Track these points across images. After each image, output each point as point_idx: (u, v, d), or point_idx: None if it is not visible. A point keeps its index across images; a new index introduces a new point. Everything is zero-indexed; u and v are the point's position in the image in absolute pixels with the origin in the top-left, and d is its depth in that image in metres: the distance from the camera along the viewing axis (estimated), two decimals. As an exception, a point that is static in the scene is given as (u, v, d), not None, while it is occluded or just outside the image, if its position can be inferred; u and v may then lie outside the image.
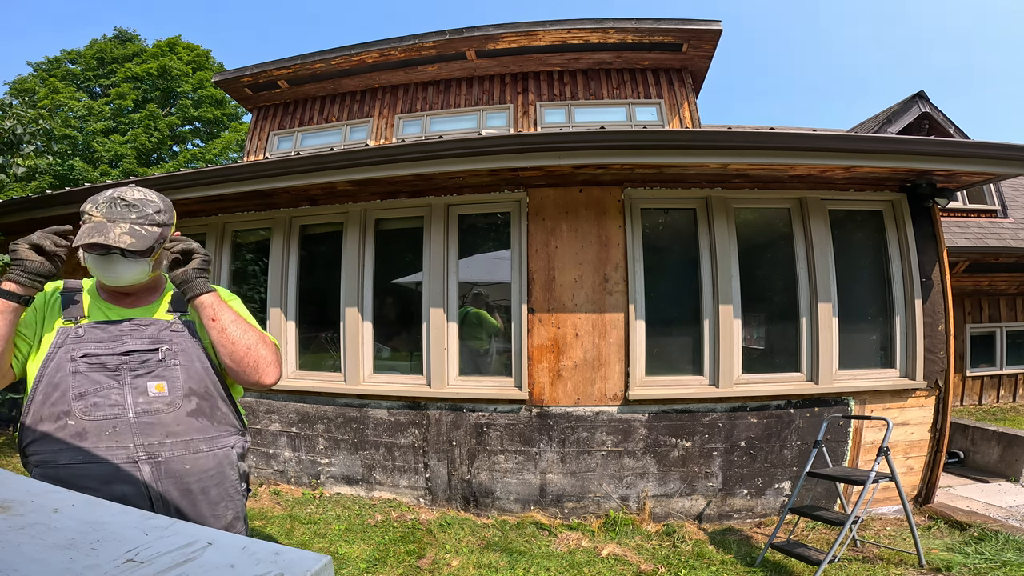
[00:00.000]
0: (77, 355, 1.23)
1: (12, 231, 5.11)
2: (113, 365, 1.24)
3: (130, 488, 1.21)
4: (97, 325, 1.28)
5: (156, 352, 1.28)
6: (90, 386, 1.21)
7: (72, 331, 1.26)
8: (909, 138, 3.37)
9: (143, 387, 1.24)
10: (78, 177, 15.83)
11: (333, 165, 3.51)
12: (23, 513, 0.62)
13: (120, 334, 1.28)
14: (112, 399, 1.21)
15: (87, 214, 1.31)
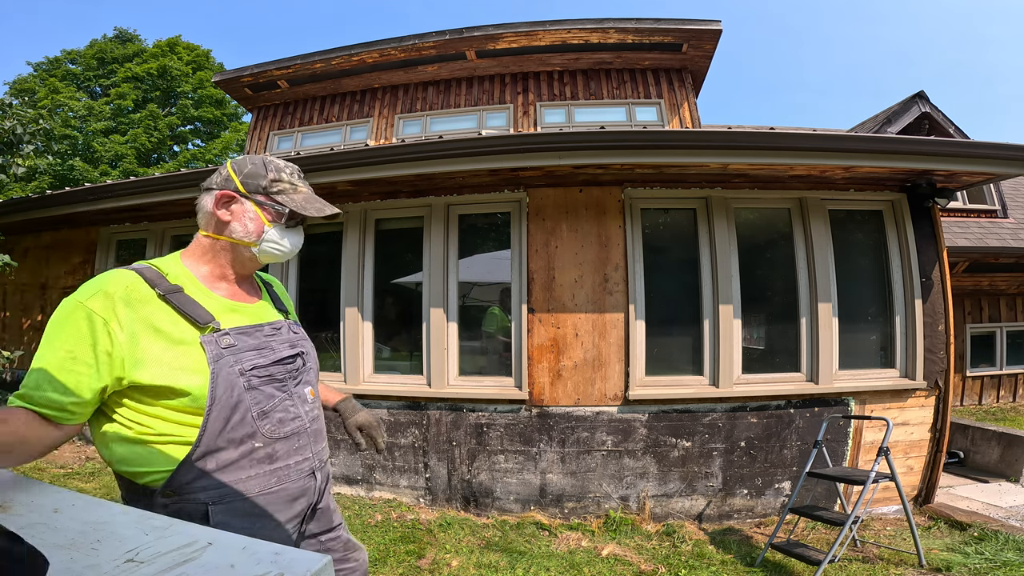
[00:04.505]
0: (244, 368, 1.06)
1: (12, 231, 5.12)
2: (280, 375, 1.13)
3: (305, 501, 1.15)
4: (244, 331, 1.11)
5: (299, 357, 1.20)
6: (268, 401, 1.08)
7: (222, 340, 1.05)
8: (909, 138, 3.37)
9: (303, 394, 1.17)
10: (78, 177, 15.83)
11: (333, 165, 3.51)
12: (23, 513, 0.62)
13: (267, 340, 1.14)
14: (291, 411, 1.12)
15: (292, 184, 1.17)
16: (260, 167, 1.14)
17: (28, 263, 5.31)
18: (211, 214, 1.12)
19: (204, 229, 1.14)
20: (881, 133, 6.28)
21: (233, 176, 1.12)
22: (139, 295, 1.00)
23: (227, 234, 1.12)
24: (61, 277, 5.19)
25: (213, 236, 1.13)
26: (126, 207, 4.25)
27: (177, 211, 4.47)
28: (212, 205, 1.12)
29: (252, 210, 1.13)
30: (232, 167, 1.14)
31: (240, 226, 1.12)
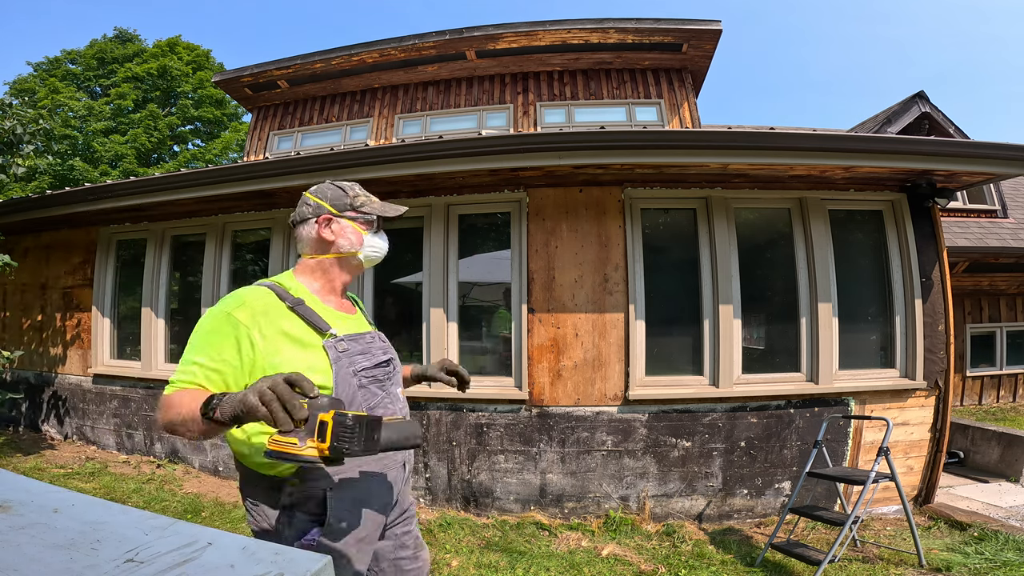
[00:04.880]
0: (357, 369, 1.23)
1: (12, 231, 5.12)
2: (380, 376, 1.29)
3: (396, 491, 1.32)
4: (352, 338, 1.27)
5: (391, 362, 1.37)
6: (373, 399, 1.24)
7: (339, 345, 1.22)
8: (909, 138, 3.37)
9: (396, 394, 1.34)
10: (78, 177, 15.83)
11: (333, 165, 3.51)
12: (23, 513, 0.62)
13: (368, 346, 1.31)
14: (389, 408, 1.27)
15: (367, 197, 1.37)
16: (339, 190, 1.34)
17: (28, 263, 5.31)
18: (316, 239, 1.31)
19: (310, 253, 1.32)
20: (881, 133, 6.28)
21: (323, 203, 1.31)
22: (274, 307, 1.18)
23: (333, 251, 1.31)
24: (61, 277, 5.19)
25: (319, 256, 1.32)
26: (126, 207, 4.25)
27: (177, 211, 4.47)
28: (316, 231, 1.30)
29: (349, 225, 1.32)
30: (317, 197, 1.32)
31: (345, 240, 1.31)
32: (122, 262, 4.99)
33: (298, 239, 1.34)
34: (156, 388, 4.53)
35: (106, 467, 4.26)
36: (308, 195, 1.33)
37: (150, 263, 4.67)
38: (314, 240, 1.31)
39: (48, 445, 4.84)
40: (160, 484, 3.94)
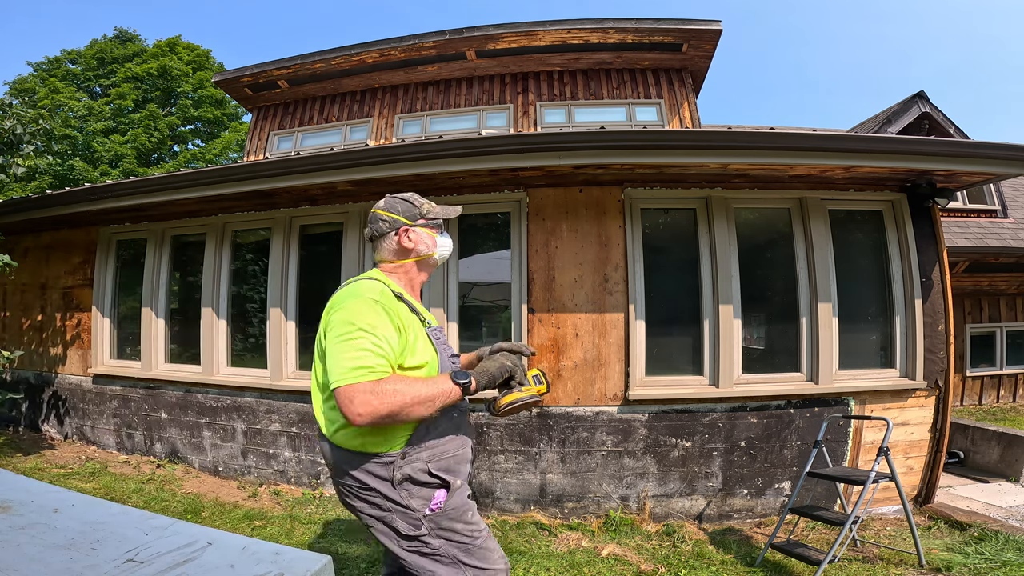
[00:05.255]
0: (449, 355, 1.48)
1: (12, 231, 5.12)
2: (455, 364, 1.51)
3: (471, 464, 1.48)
4: (435, 329, 1.48)
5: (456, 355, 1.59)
6: None
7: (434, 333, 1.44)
8: (909, 138, 3.36)
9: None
10: (78, 177, 15.84)
11: (333, 165, 3.51)
12: (23, 513, 0.62)
13: (443, 336, 1.52)
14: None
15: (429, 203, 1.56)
16: (406, 203, 1.52)
17: (28, 263, 5.31)
18: (397, 248, 1.50)
19: (391, 259, 1.51)
20: (881, 133, 6.28)
21: (397, 217, 1.50)
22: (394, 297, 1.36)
23: (413, 256, 1.51)
24: (61, 277, 5.19)
25: (400, 261, 1.51)
26: (126, 207, 4.25)
27: (177, 211, 4.47)
28: (396, 241, 1.49)
29: (422, 231, 1.52)
30: (390, 212, 1.50)
31: (423, 245, 1.52)
32: (122, 262, 4.99)
33: (377, 250, 1.53)
34: (156, 388, 4.53)
35: (106, 467, 4.26)
36: (380, 212, 1.51)
37: (150, 263, 4.67)
38: (395, 249, 1.50)
39: (48, 445, 4.84)
40: (160, 484, 3.94)
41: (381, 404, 1.14)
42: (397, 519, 1.27)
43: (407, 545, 1.29)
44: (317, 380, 1.37)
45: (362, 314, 1.24)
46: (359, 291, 1.31)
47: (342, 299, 1.30)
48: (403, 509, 1.27)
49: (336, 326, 1.24)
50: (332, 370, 1.19)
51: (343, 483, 1.32)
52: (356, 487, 1.29)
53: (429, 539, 1.28)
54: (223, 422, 4.24)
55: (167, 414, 4.47)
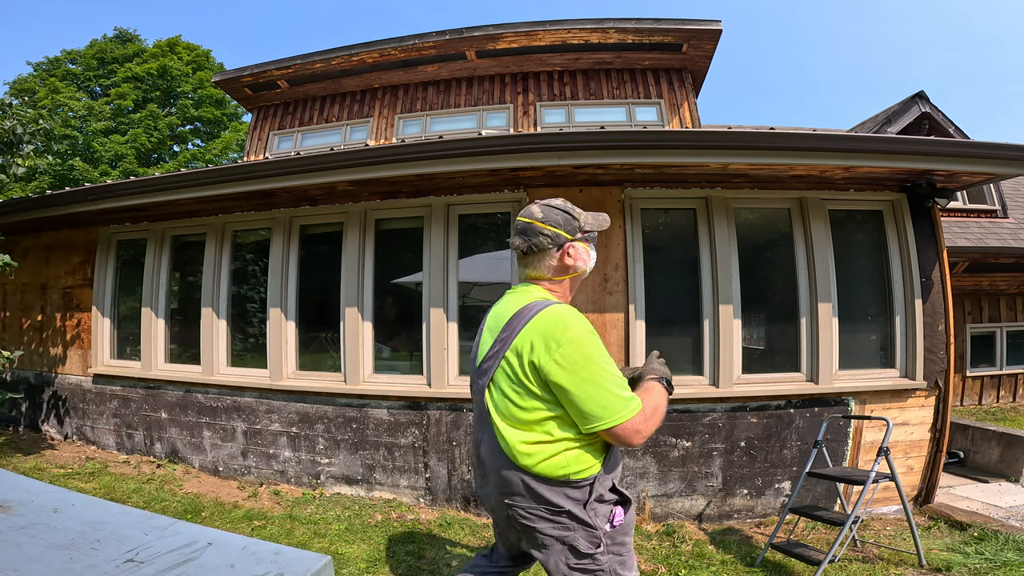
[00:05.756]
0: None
1: (12, 231, 5.12)
2: None
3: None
4: None
5: None
6: None
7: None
8: (909, 138, 3.36)
9: None
10: (78, 177, 15.84)
11: (333, 165, 3.51)
12: (23, 513, 0.62)
13: None
14: None
15: (584, 215, 1.51)
16: (565, 215, 1.45)
17: (28, 263, 5.31)
18: (559, 266, 1.44)
19: (550, 276, 1.45)
20: (881, 133, 6.28)
21: (560, 232, 1.42)
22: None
23: (572, 272, 1.46)
24: (61, 277, 5.19)
25: (560, 278, 1.46)
26: (126, 207, 4.25)
27: (177, 211, 4.47)
28: (558, 258, 1.43)
29: (581, 246, 1.46)
30: (551, 226, 1.42)
31: (581, 262, 1.45)
32: (122, 262, 4.99)
33: (531, 265, 1.45)
34: (156, 388, 4.53)
35: (106, 467, 4.26)
36: (539, 224, 1.41)
37: (150, 263, 4.67)
38: (556, 267, 1.43)
39: (48, 445, 4.84)
40: (160, 484, 3.94)
41: (649, 428, 1.26)
42: (580, 538, 1.29)
43: (577, 563, 1.30)
44: (503, 407, 1.32)
45: (596, 346, 1.27)
46: (573, 320, 1.28)
47: (565, 330, 1.25)
48: (588, 528, 1.29)
49: (584, 365, 1.23)
50: (602, 412, 1.22)
51: (527, 507, 1.31)
52: (544, 510, 1.29)
53: (601, 556, 1.31)
54: (223, 422, 4.24)
55: (167, 414, 4.47)
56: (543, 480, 1.28)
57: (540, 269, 1.44)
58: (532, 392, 1.27)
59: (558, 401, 1.26)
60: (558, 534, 1.29)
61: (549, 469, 1.27)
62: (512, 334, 1.31)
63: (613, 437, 1.24)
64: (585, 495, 1.29)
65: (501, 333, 1.35)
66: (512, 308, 1.37)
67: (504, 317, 1.37)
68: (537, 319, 1.28)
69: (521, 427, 1.29)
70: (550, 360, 1.23)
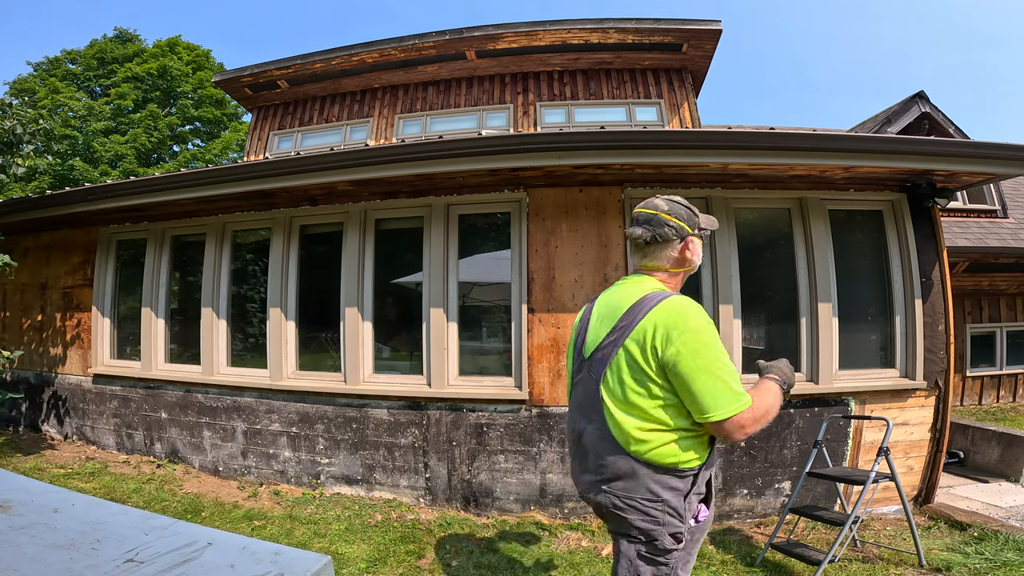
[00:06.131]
0: None
1: (12, 231, 5.12)
2: None
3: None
4: None
5: None
6: None
7: None
8: (909, 138, 3.36)
9: None
10: (78, 177, 15.84)
11: (333, 165, 3.51)
12: (23, 513, 0.62)
13: None
14: None
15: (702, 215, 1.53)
16: (687, 209, 1.49)
17: (28, 263, 5.31)
18: (678, 258, 1.47)
19: (668, 267, 1.49)
20: (881, 133, 6.28)
21: (684, 225, 1.46)
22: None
23: (687, 266, 1.50)
24: (61, 277, 5.19)
25: (676, 270, 1.50)
26: (126, 207, 4.25)
27: (177, 211, 4.47)
28: (679, 250, 1.47)
29: (697, 242, 1.49)
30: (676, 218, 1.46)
31: (696, 257, 1.49)
32: (122, 262, 4.99)
33: (650, 255, 1.48)
34: (156, 388, 4.53)
35: (106, 467, 4.26)
36: (666, 216, 1.46)
37: (150, 263, 4.67)
38: (675, 258, 1.48)
39: (48, 445, 4.84)
40: (160, 484, 3.94)
41: (756, 426, 1.27)
42: (665, 533, 1.32)
43: (652, 556, 1.34)
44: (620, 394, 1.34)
45: (715, 339, 1.29)
46: (695, 310, 1.31)
47: (686, 319, 1.28)
48: (678, 520, 1.32)
49: (702, 354, 1.26)
50: (714, 403, 1.24)
51: (624, 495, 1.34)
52: (641, 498, 1.32)
53: (677, 552, 1.34)
54: (223, 422, 4.24)
55: (167, 414, 4.47)
56: (651, 467, 1.31)
57: (659, 260, 1.48)
58: (651, 379, 1.30)
59: (675, 390, 1.29)
60: (646, 526, 1.32)
61: (659, 456, 1.30)
62: (632, 322, 1.33)
63: (717, 429, 1.26)
64: (688, 485, 1.33)
65: (619, 322, 1.37)
66: (628, 298, 1.40)
67: (619, 306, 1.40)
68: (659, 308, 1.31)
69: (637, 414, 1.32)
70: (670, 348, 1.26)
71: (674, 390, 1.29)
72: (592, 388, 1.41)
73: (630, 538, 1.36)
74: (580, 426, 1.45)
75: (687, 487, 1.33)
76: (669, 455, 1.30)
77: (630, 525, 1.34)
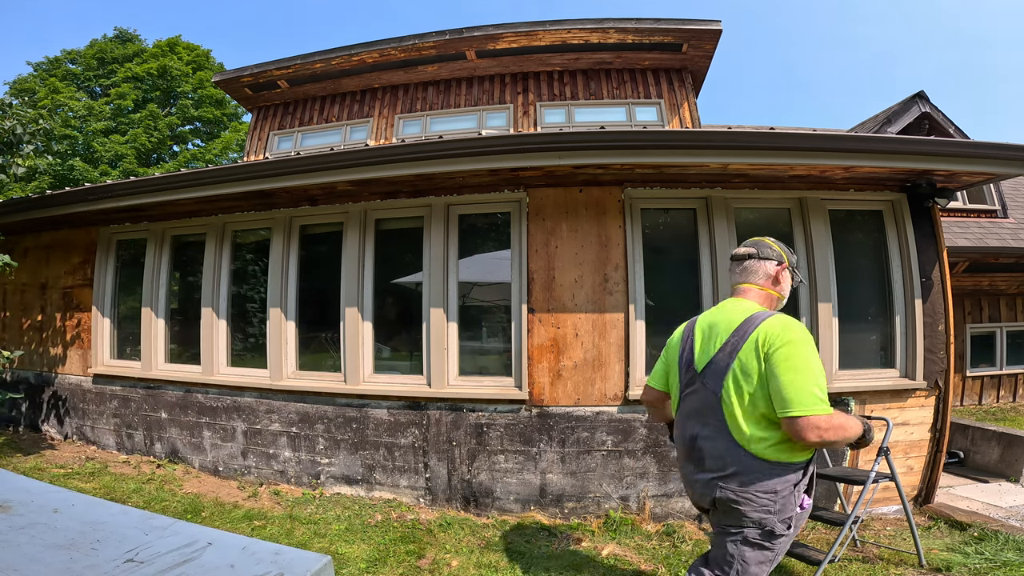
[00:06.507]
0: None
1: (12, 231, 5.12)
2: None
3: None
4: None
5: None
6: None
7: None
8: (909, 138, 3.36)
9: None
10: (78, 177, 15.84)
11: (333, 165, 3.51)
12: (23, 513, 0.62)
13: None
14: None
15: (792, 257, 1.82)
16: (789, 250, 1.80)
17: (28, 263, 5.31)
18: (772, 276, 1.74)
19: (762, 285, 1.74)
20: (881, 133, 6.28)
21: (784, 254, 1.77)
22: None
23: (778, 291, 1.75)
24: (61, 277, 5.19)
25: (769, 291, 1.74)
26: (126, 207, 4.25)
27: (177, 211, 4.47)
28: (775, 271, 1.74)
29: (788, 277, 1.78)
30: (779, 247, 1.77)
31: (786, 287, 1.77)
32: (122, 262, 4.99)
33: (748, 271, 1.75)
34: (156, 388, 4.53)
35: (106, 467, 4.26)
36: (770, 242, 1.77)
37: (150, 263, 4.67)
38: (771, 276, 1.74)
39: (48, 445, 4.84)
40: (160, 484, 3.94)
41: (828, 434, 1.40)
42: (776, 521, 1.50)
43: (761, 542, 1.52)
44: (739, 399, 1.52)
45: (812, 351, 1.47)
46: (797, 326, 1.50)
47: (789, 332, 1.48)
48: (788, 509, 1.50)
49: (795, 358, 1.44)
50: (795, 399, 1.40)
51: (740, 490, 1.51)
52: (756, 490, 1.49)
53: (784, 537, 1.53)
54: (223, 422, 4.24)
55: (167, 414, 4.47)
56: (768, 462, 1.49)
57: (757, 276, 1.73)
58: (764, 384, 1.48)
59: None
60: (759, 516, 1.50)
61: (774, 453, 1.48)
62: (744, 336, 1.53)
63: (792, 425, 1.41)
64: (798, 477, 1.52)
65: (731, 337, 1.57)
66: (736, 317, 1.61)
67: (728, 325, 1.61)
68: (767, 322, 1.53)
69: (755, 416, 1.50)
70: (771, 350, 1.46)
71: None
72: (708, 396, 1.59)
73: (741, 528, 1.52)
74: (694, 431, 1.62)
75: (797, 479, 1.51)
76: (782, 452, 1.48)
77: (744, 516, 1.51)
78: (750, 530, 1.51)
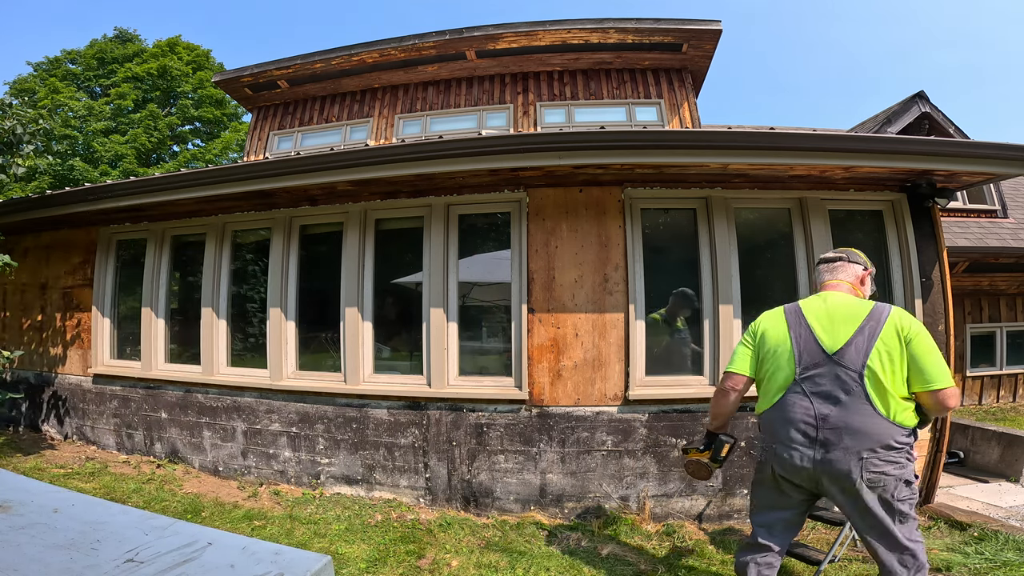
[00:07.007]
0: None
1: (12, 231, 5.12)
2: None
3: None
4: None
5: None
6: None
7: None
8: (909, 138, 3.36)
9: None
10: (78, 177, 15.84)
11: (333, 165, 3.51)
12: (23, 513, 0.62)
13: None
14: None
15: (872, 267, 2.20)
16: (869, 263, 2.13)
17: (28, 263, 5.31)
18: (861, 278, 2.07)
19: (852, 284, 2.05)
20: (881, 133, 6.28)
21: (867, 261, 2.11)
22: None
23: (863, 291, 2.06)
24: (61, 277, 5.19)
25: (856, 289, 2.04)
26: (126, 207, 4.25)
27: (177, 211, 4.47)
28: (863, 274, 2.08)
29: (870, 282, 2.11)
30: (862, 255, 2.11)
31: (868, 289, 2.09)
32: (122, 262, 4.99)
33: (840, 271, 2.07)
34: (156, 388, 4.53)
35: (106, 467, 4.26)
36: (857, 252, 2.11)
37: (150, 263, 4.67)
38: (858, 277, 2.06)
39: (48, 445, 4.84)
40: (160, 484, 3.94)
41: (957, 402, 1.78)
42: (910, 472, 1.78)
43: (907, 493, 1.78)
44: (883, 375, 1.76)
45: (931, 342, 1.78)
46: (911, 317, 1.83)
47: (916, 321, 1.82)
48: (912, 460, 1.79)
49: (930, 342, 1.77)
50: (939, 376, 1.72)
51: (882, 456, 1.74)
52: (893, 450, 1.75)
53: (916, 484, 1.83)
54: (223, 422, 4.24)
55: (167, 414, 4.47)
56: (902, 428, 1.76)
57: (847, 275, 2.05)
58: (901, 364, 1.76)
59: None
60: (898, 473, 1.75)
61: (907, 420, 1.77)
62: (880, 322, 1.80)
63: (935, 395, 1.73)
64: (916, 437, 1.83)
65: (864, 323, 1.82)
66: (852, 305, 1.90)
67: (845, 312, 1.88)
68: (897, 311, 1.83)
69: (895, 390, 1.76)
70: (912, 337, 1.76)
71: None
72: (845, 376, 1.80)
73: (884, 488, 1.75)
74: (822, 411, 1.82)
75: (915, 438, 1.83)
76: (911, 418, 1.78)
77: (886, 476, 1.75)
78: (899, 489, 1.75)
